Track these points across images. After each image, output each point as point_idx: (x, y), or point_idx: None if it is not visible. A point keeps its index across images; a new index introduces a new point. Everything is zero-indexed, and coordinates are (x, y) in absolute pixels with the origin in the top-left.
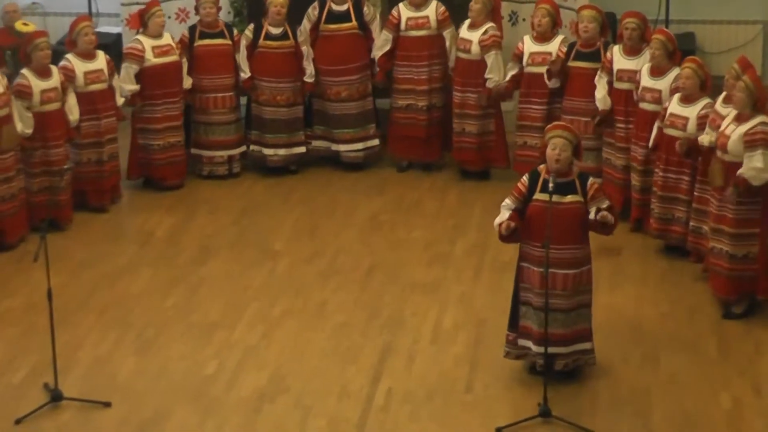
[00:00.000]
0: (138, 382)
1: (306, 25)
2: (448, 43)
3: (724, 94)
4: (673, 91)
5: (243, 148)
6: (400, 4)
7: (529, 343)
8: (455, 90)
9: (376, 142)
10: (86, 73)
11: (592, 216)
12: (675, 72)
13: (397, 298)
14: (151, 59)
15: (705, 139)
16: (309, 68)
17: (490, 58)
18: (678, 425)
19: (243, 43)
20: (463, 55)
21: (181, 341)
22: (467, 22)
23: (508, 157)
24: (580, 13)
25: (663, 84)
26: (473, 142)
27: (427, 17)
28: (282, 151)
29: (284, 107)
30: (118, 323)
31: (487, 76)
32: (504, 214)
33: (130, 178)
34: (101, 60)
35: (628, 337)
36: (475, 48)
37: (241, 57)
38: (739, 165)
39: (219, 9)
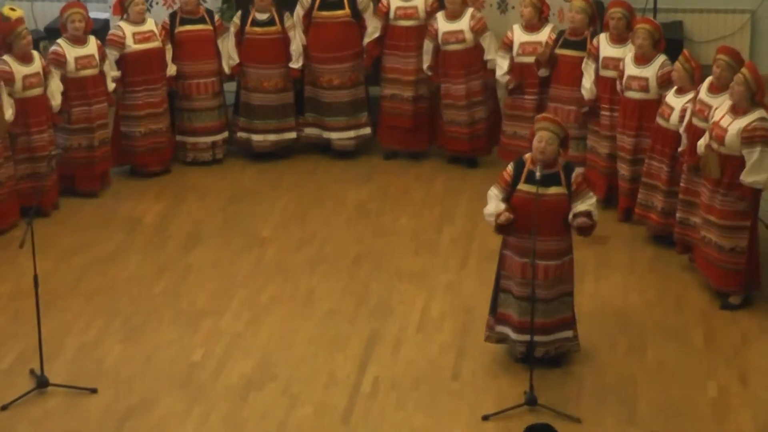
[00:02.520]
0: (125, 368)
1: (299, 11)
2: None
3: (707, 82)
4: (659, 78)
5: (226, 134)
6: None
7: (507, 330)
8: (455, 83)
9: (368, 130)
10: (77, 59)
11: (570, 218)
12: (661, 59)
13: (384, 286)
14: (132, 45)
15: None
16: (297, 54)
17: (486, 40)
18: (664, 413)
19: (231, 30)
20: (458, 47)
21: (168, 328)
22: (441, 14)
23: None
24: (570, 3)
25: (650, 71)
26: (483, 127)
27: (415, 7)
28: (272, 137)
29: (272, 93)
30: (105, 310)
31: (486, 58)
32: (497, 205)
33: (113, 165)
34: (92, 45)
35: (615, 326)
36: (468, 35)
37: (230, 44)
38: (735, 157)
39: None
